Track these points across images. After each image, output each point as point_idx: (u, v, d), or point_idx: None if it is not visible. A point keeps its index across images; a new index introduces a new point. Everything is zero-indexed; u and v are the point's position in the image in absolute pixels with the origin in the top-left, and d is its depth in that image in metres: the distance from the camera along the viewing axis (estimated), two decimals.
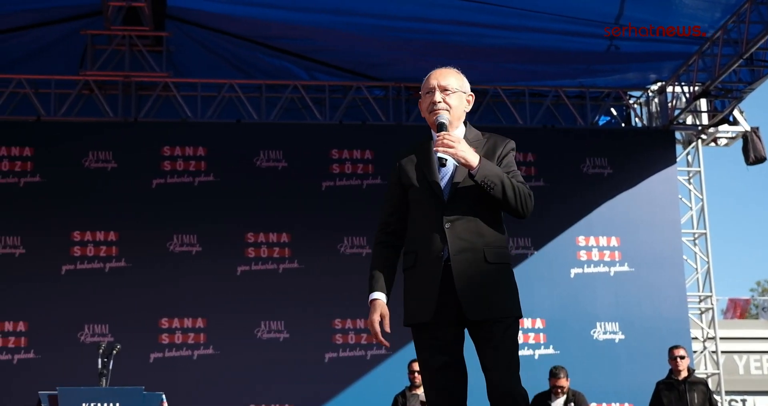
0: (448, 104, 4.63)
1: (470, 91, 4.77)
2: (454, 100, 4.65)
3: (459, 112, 4.68)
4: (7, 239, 11.84)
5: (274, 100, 12.69)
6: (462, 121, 4.74)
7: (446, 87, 4.66)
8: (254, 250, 12.17)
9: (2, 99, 12.20)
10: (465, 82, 4.75)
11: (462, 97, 4.70)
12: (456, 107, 4.65)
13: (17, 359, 11.54)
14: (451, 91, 4.65)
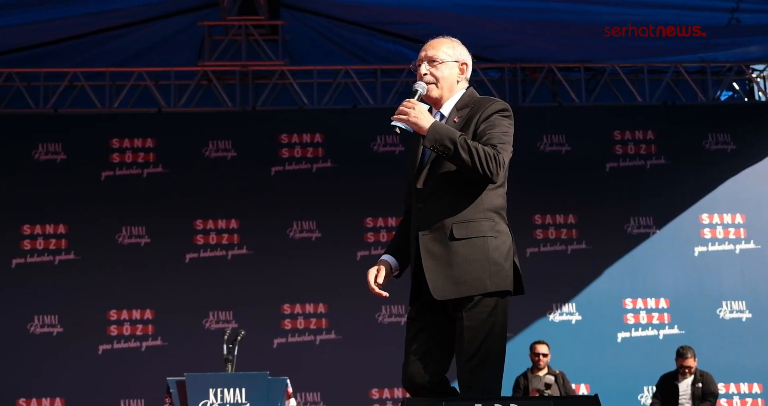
0: (434, 76, 4.56)
1: (464, 58, 4.66)
2: (442, 70, 4.58)
3: (450, 82, 4.60)
4: (132, 228, 12.07)
5: (389, 84, 12.69)
6: (460, 89, 4.63)
7: (433, 58, 4.61)
8: (373, 234, 12.20)
9: (124, 92, 12.43)
10: (456, 51, 4.66)
11: (452, 66, 4.62)
12: (445, 77, 4.58)
13: (145, 347, 11.79)
14: (439, 62, 4.59)
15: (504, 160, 4.34)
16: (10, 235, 11.94)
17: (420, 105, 4.43)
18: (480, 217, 4.36)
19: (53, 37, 12.02)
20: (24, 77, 12.37)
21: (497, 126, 4.42)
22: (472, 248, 4.33)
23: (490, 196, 4.41)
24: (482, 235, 4.35)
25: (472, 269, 4.31)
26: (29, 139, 12.24)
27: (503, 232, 4.42)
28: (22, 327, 11.72)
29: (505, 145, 4.39)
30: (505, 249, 4.38)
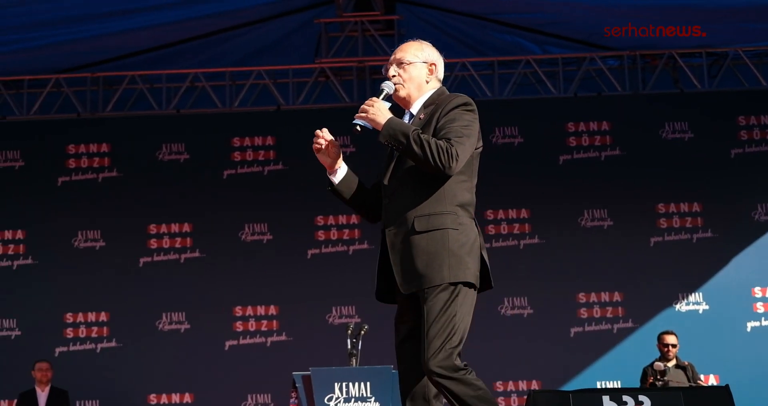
0: (401, 77, 4.67)
1: (433, 59, 4.75)
2: (410, 71, 4.69)
3: (418, 82, 4.69)
4: (255, 225, 12.23)
5: (507, 76, 12.60)
6: (429, 88, 4.72)
7: (401, 60, 4.71)
8: (494, 227, 12.15)
9: (243, 91, 12.59)
10: (425, 52, 4.75)
11: (421, 67, 4.71)
12: (412, 78, 4.68)
13: (270, 342, 11.93)
14: (406, 63, 4.69)
15: (457, 152, 4.36)
16: (137, 235, 12.20)
17: (380, 103, 4.54)
18: (441, 210, 4.42)
19: (174, 39, 12.23)
20: (147, 79, 12.63)
21: (456, 120, 4.48)
22: (432, 241, 4.38)
23: (453, 191, 4.46)
24: (443, 227, 4.40)
25: (432, 260, 4.37)
26: (153, 140, 12.49)
27: (465, 225, 4.46)
28: (152, 324, 11.97)
29: (463, 138, 4.42)
30: (467, 242, 4.43)
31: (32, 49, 11.95)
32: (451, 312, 4.37)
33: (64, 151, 12.53)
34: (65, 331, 12.08)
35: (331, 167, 4.78)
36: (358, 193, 4.78)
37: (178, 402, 11.78)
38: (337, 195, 4.79)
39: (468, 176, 4.55)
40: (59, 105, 12.59)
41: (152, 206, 12.27)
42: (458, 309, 4.39)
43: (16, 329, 12.12)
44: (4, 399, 11.77)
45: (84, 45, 11.94)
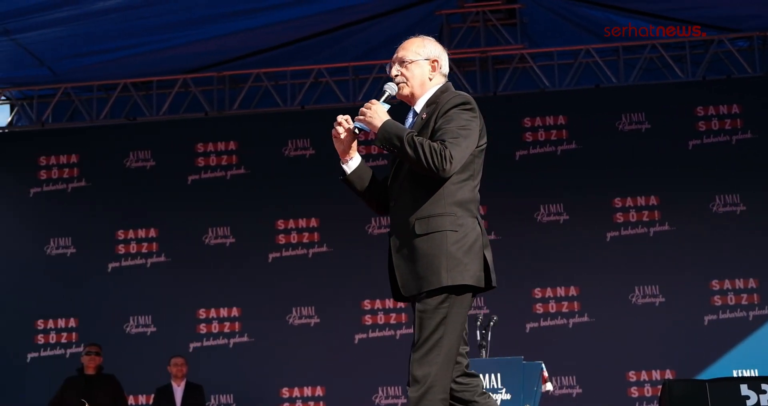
0: (404, 76, 4.68)
1: (435, 54, 4.72)
2: (412, 70, 4.69)
3: (421, 80, 4.69)
4: (382, 220, 12.28)
5: (632, 61, 12.39)
6: (433, 85, 4.70)
7: (403, 58, 4.72)
8: (622, 215, 11.97)
9: (367, 85, 12.64)
10: (427, 49, 4.73)
11: (423, 65, 4.70)
12: (415, 76, 4.68)
13: (399, 335, 11.94)
14: (408, 62, 4.69)
15: (451, 154, 4.33)
16: (268, 229, 12.33)
17: (378, 105, 4.54)
18: (441, 212, 4.40)
19: (297, 36, 12.36)
20: (271, 77, 12.78)
21: (453, 120, 4.46)
22: (431, 243, 4.37)
23: (453, 191, 4.44)
24: (441, 229, 4.38)
25: (431, 263, 4.35)
26: (280, 137, 12.63)
27: (466, 225, 4.42)
28: (282, 319, 12.11)
29: (459, 139, 4.40)
30: (466, 243, 4.39)
31: (160, 50, 12.22)
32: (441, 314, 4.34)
33: (194, 150, 12.76)
34: (198, 327, 12.30)
35: (345, 155, 4.72)
36: (369, 186, 4.73)
37: (310, 395, 11.91)
38: (348, 185, 4.74)
39: (469, 175, 4.53)
40: (187, 105, 12.84)
41: (278, 201, 12.40)
42: (450, 311, 4.35)
43: (152, 325, 12.37)
44: (142, 394, 12.06)
45: (210, 45, 12.15)
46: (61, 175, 12.95)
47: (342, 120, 4.64)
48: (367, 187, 4.72)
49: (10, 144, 13.30)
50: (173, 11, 11.19)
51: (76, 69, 12.63)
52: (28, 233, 12.87)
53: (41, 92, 13.26)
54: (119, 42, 11.93)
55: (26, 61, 12.29)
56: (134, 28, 11.47)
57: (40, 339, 12.56)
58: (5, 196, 13.09)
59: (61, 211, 12.83)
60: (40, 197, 12.94)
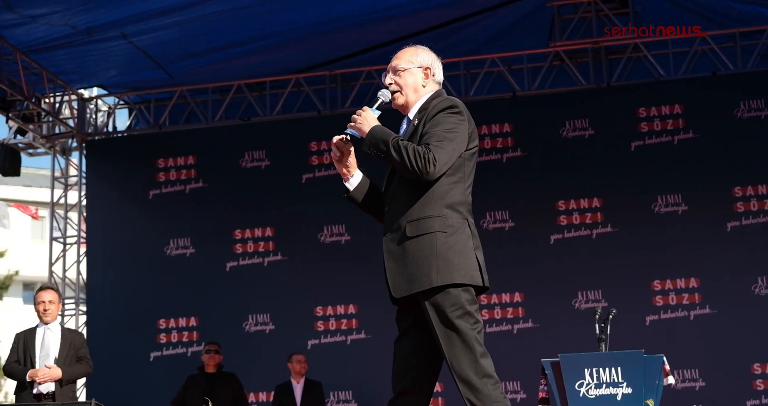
0: (398, 84, 4.74)
1: (428, 63, 4.79)
2: (405, 78, 4.75)
3: (414, 87, 4.76)
4: (497, 214, 12.22)
5: (750, 48, 12.11)
6: (426, 92, 4.76)
7: (396, 67, 4.79)
8: (743, 204, 11.70)
9: (478, 79, 12.61)
10: (419, 57, 4.79)
11: (416, 73, 4.77)
12: (408, 84, 4.75)
13: (517, 329, 11.90)
14: (401, 70, 4.76)
15: (435, 157, 4.40)
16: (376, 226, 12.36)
17: (368, 112, 4.62)
18: (431, 214, 4.48)
19: (407, 32, 12.34)
20: (381, 73, 12.78)
21: (439, 124, 4.52)
22: (421, 245, 4.45)
23: (443, 193, 4.50)
24: (431, 231, 4.45)
25: (421, 264, 4.43)
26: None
27: (455, 227, 4.48)
28: None
29: (443, 142, 4.46)
30: (456, 244, 4.46)
31: (272, 50, 12.34)
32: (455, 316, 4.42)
33: (307, 149, 12.85)
34: (316, 324, 12.38)
35: (346, 174, 4.78)
36: (373, 200, 4.78)
37: None
38: (353, 202, 4.81)
39: (459, 177, 4.57)
40: (300, 104, 12.95)
41: None
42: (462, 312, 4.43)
43: (270, 323, 12.50)
44: (261, 391, 12.20)
45: (321, 43, 12.24)
46: (179, 176, 13.18)
47: (336, 140, 4.71)
48: (371, 202, 4.78)
49: (130, 147, 13.60)
50: (284, 9, 11.30)
51: (191, 71, 12.86)
52: (148, 235, 13.13)
53: (158, 96, 13.52)
54: (232, 43, 12.09)
55: (143, 64, 12.55)
56: (246, 27, 11.61)
57: (162, 338, 12.81)
58: (126, 199, 13.36)
59: (180, 212, 13.07)
60: (159, 199, 13.19)
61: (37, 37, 11.86)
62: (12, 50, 12.10)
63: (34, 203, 21.01)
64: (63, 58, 12.43)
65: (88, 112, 13.92)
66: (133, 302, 12.86)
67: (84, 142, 13.80)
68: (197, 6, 11.10)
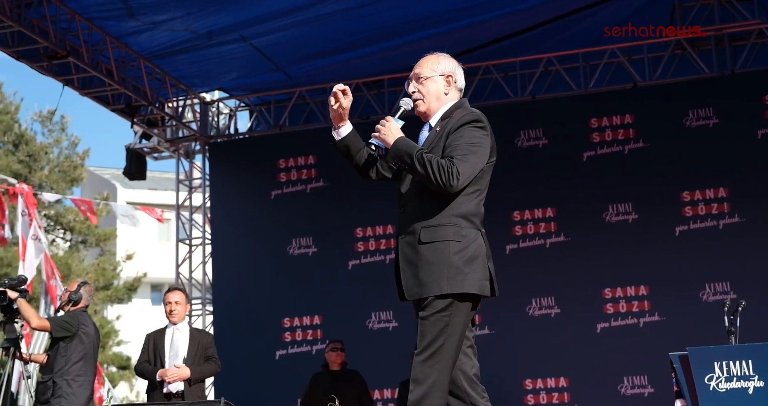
0: (420, 92, 4.83)
1: (449, 70, 4.86)
2: (428, 86, 4.84)
3: (436, 95, 4.83)
4: (619, 206, 12.04)
5: None
6: (449, 100, 4.84)
7: (419, 75, 4.87)
8: None
9: (598, 71, 12.44)
10: (441, 65, 4.87)
11: (438, 80, 4.84)
12: (430, 92, 4.83)
13: (643, 323, 11.70)
14: (424, 78, 4.85)
15: (458, 171, 4.51)
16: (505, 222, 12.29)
17: (391, 123, 4.72)
18: (446, 222, 4.59)
19: (525, 25, 12.27)
20: (500, 68, 12.74)
21: (463, 137, 4.62)
22: (435, 252, 4.56)
23: (459, 203, 4.61)
24: (445, 239, 4.56)
25: (433, 271, 4.54)
26: (512, 128, 12.55)
27: (468, 237, 4.59)
28: (522, 310, 12.04)
29: (468, 155, 4.57)
30: (468, 253, 4.57)
31: (389, 48, 12.38)
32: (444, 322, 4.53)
33: None
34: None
35: (337, 122, 4.87)
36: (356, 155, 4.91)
37: (553, 386, 11.80)
38: (337, 150, 4.93)
39: (476, 189, 4.68)
40: None
41: (516, 194, 12.30)
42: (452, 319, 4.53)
43: (393, 320, 12.50)
44: (385, 388, 12.23)
45: (438, 40, 12.21)
46: (300, 176, 13.31)
47: (338, 90, 4.76)
48: (353, 156, 4.91)
49: (251, 149, 13.78)
50: (400, 7, 11.31)
51: (309, 72, 12.97)
52: (271, 235, 13.28)
53: (278, 97, 13.68)
54: (349, 42, 12.16)
55: (263, 66, 12.71)
56: (363, 26, 11.67)
57: (287, 337, 12.94)
58: (248, 200, 13.55)
59: (302, 211, 13.19)
60: (280, 199, 13.34)
61: (159, 42, 12.12)
62: (136, 56, 12.38)
63: (159, 205, 21.43)
64: (185, 63, 12.67)
65: (210, 115, 14.16)
66: (258, 302, 13.02)
67: (207, 144, 14.05)
68: (314, 7, 11.20)
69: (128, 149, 14.08)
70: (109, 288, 26.65)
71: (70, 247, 27.37)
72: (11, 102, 27.76)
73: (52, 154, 27.52)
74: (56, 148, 27.84)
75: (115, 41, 12.01)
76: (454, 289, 4.52)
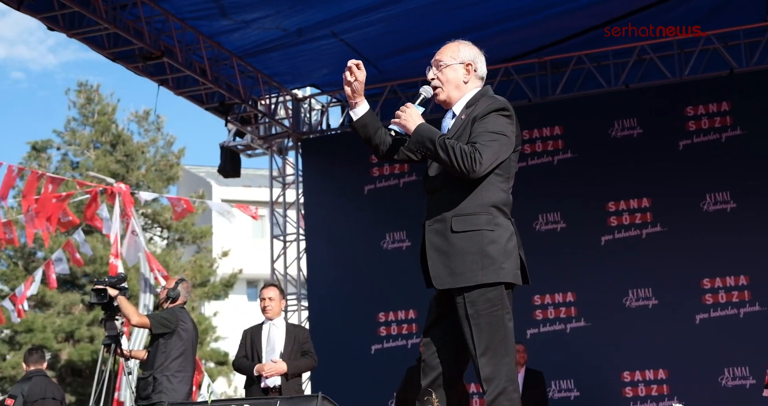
0: (439, 80, 4.83)
1: (469, 58, 4.84)
2: (447, 74, 4.83)
3: (455, 83, 4.82)
4: (717, 195, 11.84)
5: None
6: (471, 88, 4.82)
7: (439, 61, 4.86)
8: None
9: (693, 58, 12.23)
10: (461, 53, 4.85)
11: (457, 68, 4.83)
12: (450, 80, 4.82)
13: (743, 313, 11.43)
14: (444, 66, 4.84)
15: (481, 156, 4.49)
16: (597, 213, 12.16)
17: (412, 108, 4.73)
18: (478, 211, 4.56)
19: (617, 14, 12.11)
20: (593, 58, 12.60)
21: (488, 123, 4.60)
22: (469, 241, 4.53)
23: (490, 191, 4.59)
24: (478, 228, 4.54)
25: (467, 260, 4.51)
26: (606, 118, 12.41)
27: (501, 225, 4.58)
28: (619, 302, 11.90)
29: (492, 142, 4.55)
30: (502, 242, 4.55)
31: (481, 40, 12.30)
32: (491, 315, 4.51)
33: None
34: (534, 313, 12.26)
35: (353, 99, 4.87)
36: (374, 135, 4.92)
37: (652, 378, 11.64)
38: (354, 131, 4.95)
39: (506, 178, 4.67)
40: (510, 92, 12.86)
41: (610, 184, 12.19)
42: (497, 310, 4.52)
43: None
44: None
45: (531, 31, 12.14)
46: (392, 171, 13.34)
47: (352, 64, 4.79)
48: (372, 136, 4.92)
49: (343, 144, 13.81)
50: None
51: (400, 66, 12.96)
52: (364, 230, 13.32)
53: (369, 92, 13.68)
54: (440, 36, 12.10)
55: None
56: (453, 19, 11.62)
57: (383, 331, 12.96)
58: (341, 195, 13.61)
59: (395, 206, 13.19)
60: (373, 194, 13.37)
61: (251, 41, 12.23)
62: (228, 55, 12.51)
63: (253, 202, 21.66)
64: (277, 60, 12.76)
65: (302, 112, 14.24)
66: (353, 296, 13.07)
67: (299, 141, 14.14)
68: (404, 1, 11.19)
69: (222, 147, 14.24)
70: (205, 285, 27.02)
71: (167, 245, 27.82)
72: (108, 103, 28.35)
73: (148, 154, 28.02)
74: (152, 148, 28.35)
75: (208, 40, 12.15)
76: (489, 278, 4.51)
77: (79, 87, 28.21)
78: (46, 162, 27.42)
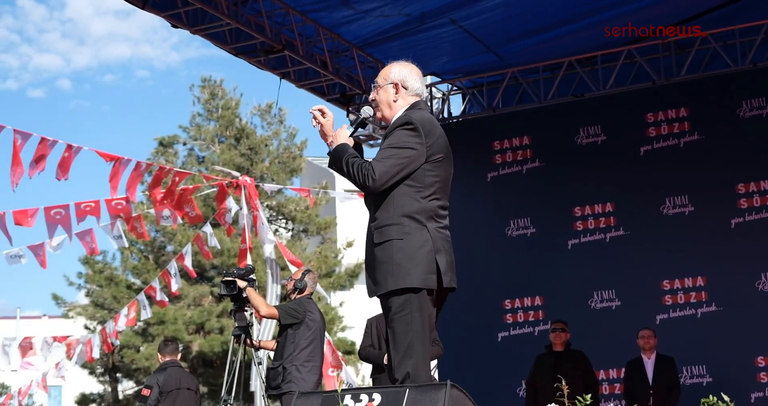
0: (376, 100, 5.12)
1: (398, 79, 5.05)
2: (380, 94, 5.10)
3: (387, 103, 5.09)
4: None
5: None
6: (401, 107, 5.05)
7: (376, 83, 5.14)
8: None
9: None
10: (392, 73, 5.08)
11: (387, 89, 5.07)
12: (382, 100, 5.09)
13: None
14: (378, 86, 5.12)
15: (374, 171, 4.72)
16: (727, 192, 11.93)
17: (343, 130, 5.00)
18: (390, 222, 4.79)
19: None
20: (719, 37, 12.31)
21: (391, 139, 4.85)
22: (382, 252, 4.79)
23: (402, 202, 4.80)
24: (389, 239, 4.77)
25: (381, 270, 4.77)
26: (733, 98, 12.13)
27: (411, 234, 4.76)
28: (751, 287, 11.65)
29: (389, 157, 4.78)
30: (410, 250, 4.74)
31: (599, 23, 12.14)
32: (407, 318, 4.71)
33: (644, 120, 12.57)
34: (663, 298, 12.09)
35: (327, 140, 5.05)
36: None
37: None
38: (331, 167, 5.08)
39: (419, 188, 4.83)
40: (633, 75, 12.66)
41: (737, 164, 11.92)
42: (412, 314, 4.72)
43: (616, 299, 12.33)
44: (611, 368, 12.06)
45: (652, 11, 11.91)
46: (515, 157, 13.25)
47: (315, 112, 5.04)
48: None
49: (465, 132, 13.77)
50: None
51: (520, 52, 12.87)
52: (489, 217, 13.28)
53: (489, 79, 13.62)
54: (559, 20, 11.99)
55: (473, 48, 12.69)
56: (572, 3, 11.48)
57: (509, 318, 12.92)
58: (465, 183, 13.51)
59: (518, 192, 13.13)
60: (496, 181, 13.32)
61: (369, 30, 12.26)
62: (348, 46, 12.58)
63: None
64: (396, 50, 12.76)
65: None
66: (478, 284, 13.01)
67: None
68: None
69: None
70: (331, 275, 27.25)
71: (292, 236, 28.13)
72: (231, 98, 28.76)
73: (271, 147, 28.35)
74: (275, 141, 28.66)
75: (328, 32, 12.23)
76: (397, 285, 4.72)
77: (202, 83, 28.67)
78: (173, 157, 27.96)
